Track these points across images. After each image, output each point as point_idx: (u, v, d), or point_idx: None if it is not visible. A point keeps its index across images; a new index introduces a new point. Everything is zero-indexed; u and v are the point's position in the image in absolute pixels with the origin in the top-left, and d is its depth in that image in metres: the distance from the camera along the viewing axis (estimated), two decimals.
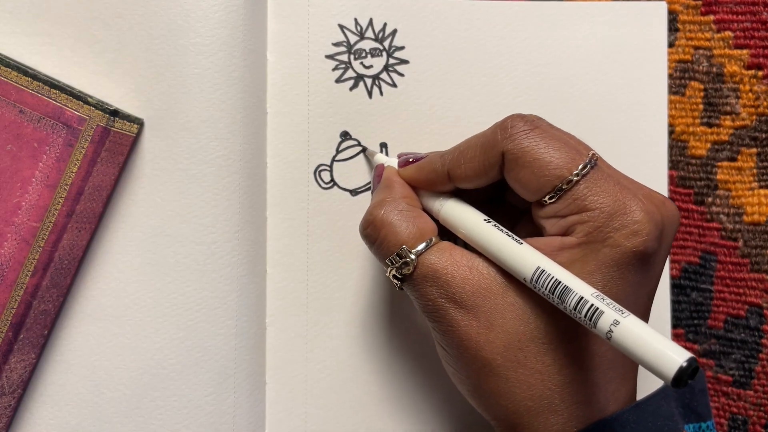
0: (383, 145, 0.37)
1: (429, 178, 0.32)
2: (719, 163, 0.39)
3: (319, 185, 0.37)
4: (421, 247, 0.29)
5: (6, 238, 0.34)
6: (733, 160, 0.39)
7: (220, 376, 0.34)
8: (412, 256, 0.29)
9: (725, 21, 0.39)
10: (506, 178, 0.29)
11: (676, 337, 0.39)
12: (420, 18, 0.37)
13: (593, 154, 0.28)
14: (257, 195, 0.36)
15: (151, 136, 0.35)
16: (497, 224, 0.29)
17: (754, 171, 0.39)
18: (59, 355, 0.35)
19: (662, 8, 0.38)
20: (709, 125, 0.39)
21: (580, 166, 0.27)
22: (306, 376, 0.36)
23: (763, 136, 0.39)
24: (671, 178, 0.39)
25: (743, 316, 0.39)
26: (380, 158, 0.36)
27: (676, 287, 0.39)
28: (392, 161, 0.34)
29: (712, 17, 0.39)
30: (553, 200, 0.28)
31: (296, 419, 0.36)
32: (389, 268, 0.30)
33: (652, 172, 0.38)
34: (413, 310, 0.37)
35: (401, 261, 0.29)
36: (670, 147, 0.39)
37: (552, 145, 0.28)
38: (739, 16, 0.39)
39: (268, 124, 0.36)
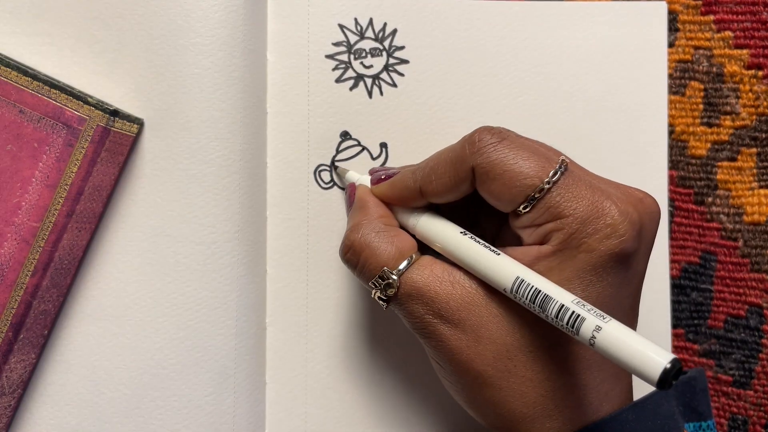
0: (383, 145, 0.37)
1: (402, 195, 0.32)
2: (719, 163, 0.39)
3: (319, 185, 0.37)
4: (402, 266, 0.29)
5: (6, 238, 0.34)
6: (733, 160, 0.39)
7: (220, 376, 0.34)
8: (394, 277, 0.29)
9: (725, 21, 0.39)
10: (479, 191, 0.29)
11: (676, 337, 0.39)
12: (420, 18, 0.37)
13: (563, 160, 0.28)
14: (257, 195, 0.36)
15: (151, 136, 0.35)
16: (474, 236, 0.29)
17: (754, 171, 0.39)
18: (59, 355, 0.35)
19: (662, 8, 0.38)
20: (709, 125, 0.39)
21: (551, 173, 0.27)
22: (306, 376, 0.36)
23: (763, 136, 0.39)
24: (671, 178, 0.39)
25: (743, 316, 0.39)
26: (352, 176, 0.35)
27: (676, 287, 0.39)
28: (363, 179, 0.34)
29: (712, 17, 0.39)
30: (528, 210, 0.28)
31: (296, 419, 0.36)
32: (374, 290, 0.30)
33: (652, 172, 0.38)
34: None
35: (384, 282, 0.29)
36: (670, 147, 0.39)
37: (520, 155, 0.28)
38: (739, 16, 0.39)
39: (268, 124, 0.36)
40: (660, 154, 0.38)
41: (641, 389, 0.30)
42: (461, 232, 0.29)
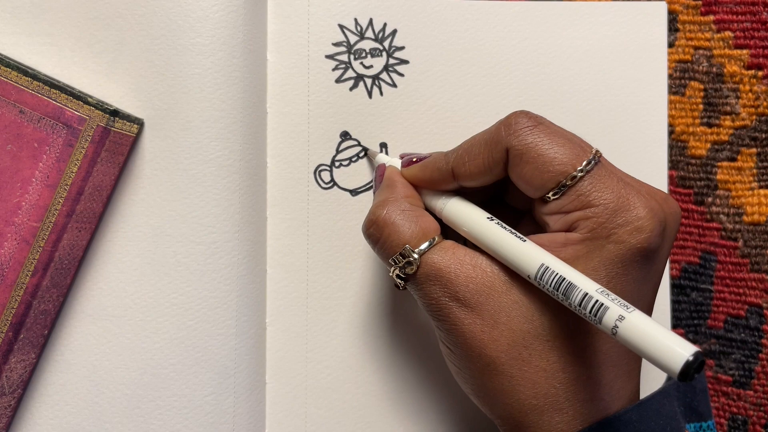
0: (383, 145, 0.37)
1: (433, 177, 0.32)
2: (719, 163, 0.39)
3: (319, 185, 0.37)
4: (424, 246, 0.29)
5: (6, 238, 0.34)
6: (733, 160, 0.39)
7: (220, 375, 0.34)
8: (415, 256, 0.29)
9: (725, 21, 0.39)
10: (510, 175, 0.29)
11: None
12: (420, 18, 0.37)
13: (596, 151, 0.28)
14: (257, 195, 0.36)
15: (151, 136, 0.35)
16: (500, 222, 0.29)
17: (754, 171, 0.39)
18: (59, 355, 0.35)
19: (662, 8, 0.38)
20: (709, 125, 0.39)
21: (584, 163, 0.27)
22: (306, 375, 0.36)
23: (763, 136, 0.39)
24: (671, 178, 0.39)
25: (743, 316, 0.39)
26: (382, 158, 0.36)
27: (676, 287, 0.39)
28: (394, 161, 0.34)
29: (712, 17, 0.39)
30: (557, 196, 0.28)
31: (296, 419, 0.36)
32: (392, 268, 0.30)
33: (652, 172, 0.38)
34: (413, 310, 0.37)
35: (404, 260, 0.29)
36: (670, 147, 0.39)
37: (556, 142, 0.28)
38: (739, 16, 0.39)
39: (268, 124, 0.36)
40: (660, 154, 0.38)
41: (644, 388, 0.30)
42: (488, 218, 0.29)
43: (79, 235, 0.34)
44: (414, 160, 0.33)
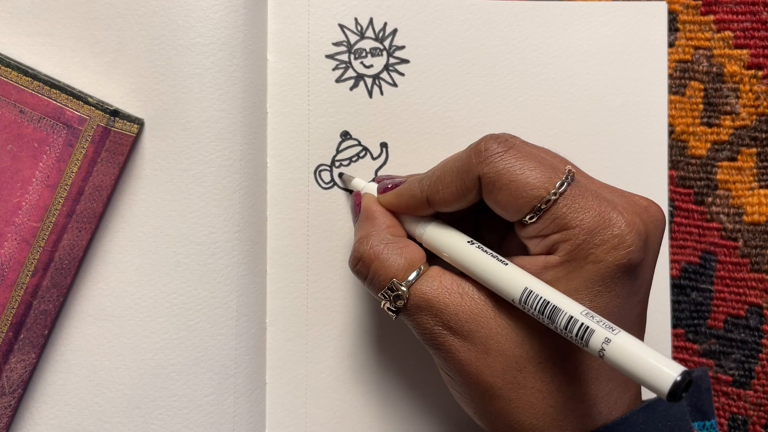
0: (383, 145, 0.37)
1: (409, 204, 0.31)
2: (719, 163, 0.39)
3: (319, 185, 0.37)
4: (411, 277, 0.29)
5: (6, 238, 0.34)
6: (733, 160, 0.39)
7: (221, 376, 0.34)
8: (404, 289, 0.29)
9: (725, 21, 0.39)
10: (485, 201, 0.29)
11: (676, 337, 0.39)
12: (420, 18, 0.37)
13: (569, 170, 0.28)
14: (257, 195, 0.36)
15: (152, 136, 0.35)
16: (481, 245, 0.29)
17: (754, 171, 0.39)
18: (59, 355, 0.35)
19: (662, 8, 0.38)
20: (709, 125, 0.39)
21: (557, 184, 0.27)
22: (306, 375, 0.36)
23: (763, 136, 0.39)
24: (671, 177, 0.39)
25: (743, 315, 0.39)
26: (358, 183, 0.35)
27: (676, 287, 0.39)
28: (369, 187, 0.34)
29: (712, 17, 0.39)
30: (534, 220, 0.27)
31: (296, 419, 0.36)
32: (383, 302, 0.30)
33: (652, 172, 0.38)
34: None
35: (393, 294, 0.29)
36: (670, 147, 0.39)
37: (527, 165, 0.28)
38: (739, 16, 0.39)
39: (269, 124, 0.36)
40: (660, 154, 0.38)
41: (645, 392, 0.30)
42: (468, 242, 0.29)
43: (79, 235, 0.34)
44: (389, 186, 0.33)
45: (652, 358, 0.23)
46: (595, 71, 0.38)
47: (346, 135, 0.37)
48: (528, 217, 0.28)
